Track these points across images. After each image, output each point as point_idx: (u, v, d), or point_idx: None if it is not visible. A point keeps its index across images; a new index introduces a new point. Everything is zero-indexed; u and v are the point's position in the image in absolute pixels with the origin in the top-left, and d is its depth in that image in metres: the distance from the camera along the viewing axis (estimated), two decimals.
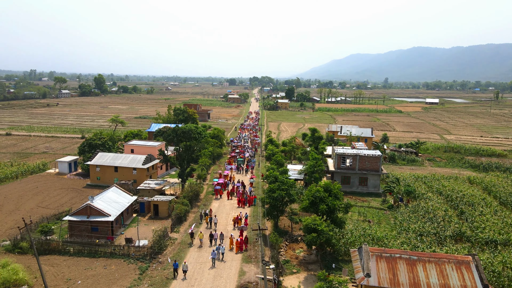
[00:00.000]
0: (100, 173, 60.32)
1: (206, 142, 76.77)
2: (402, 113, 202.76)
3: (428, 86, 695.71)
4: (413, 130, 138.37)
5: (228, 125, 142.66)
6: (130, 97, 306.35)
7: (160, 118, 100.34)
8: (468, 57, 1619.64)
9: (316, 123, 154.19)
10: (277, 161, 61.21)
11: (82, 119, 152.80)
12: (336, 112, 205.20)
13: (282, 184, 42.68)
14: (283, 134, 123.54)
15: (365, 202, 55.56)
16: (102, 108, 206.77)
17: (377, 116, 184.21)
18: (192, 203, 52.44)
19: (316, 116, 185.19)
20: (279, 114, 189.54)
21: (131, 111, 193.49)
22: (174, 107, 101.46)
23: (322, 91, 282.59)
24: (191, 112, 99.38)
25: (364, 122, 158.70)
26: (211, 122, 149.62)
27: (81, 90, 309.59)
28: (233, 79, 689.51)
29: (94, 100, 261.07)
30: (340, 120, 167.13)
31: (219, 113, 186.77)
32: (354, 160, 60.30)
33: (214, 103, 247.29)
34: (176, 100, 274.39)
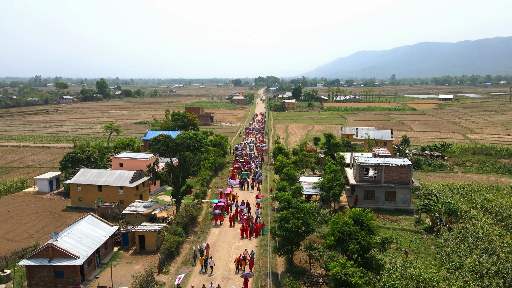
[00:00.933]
0: (82, 193, 51.73)
1: (206, 152, 68.03)
2: (416, 111, 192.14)
3: (438, 82, 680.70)
4: (432, 130, 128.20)
5: (233, 129, 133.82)
6: (133, 101, 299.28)
7: (157, 124, 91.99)
8: (475, 51, 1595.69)
9: (326, 124, 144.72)
10: (288, 175, 51.97)
11: (79, 126, 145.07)
12: (346, 111, 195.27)
13: (297, 211, 33.55)
14: (292, 138, 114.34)
15: (395, 223, 46.20)
16: (102, 113, 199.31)
17: (390, 115, 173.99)
18: (187, 229, 43.56)
19: (325, 116, 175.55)
20: (287, 115, 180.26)
21: (132, 115, 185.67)
22: (172, 112, 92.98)
23: (330, 89, 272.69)
24: (191, 117, 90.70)
25: (377, 122, 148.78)
26: (215, 126, 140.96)
27: (83, 95, 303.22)
28: (238, 80, 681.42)
29: (95, 105, 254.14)
30: (351, 120, 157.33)
31: (223, 116, 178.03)
32: (379, 171, 50.94)
33: (219, 105, 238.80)
34: (180, 103, 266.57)
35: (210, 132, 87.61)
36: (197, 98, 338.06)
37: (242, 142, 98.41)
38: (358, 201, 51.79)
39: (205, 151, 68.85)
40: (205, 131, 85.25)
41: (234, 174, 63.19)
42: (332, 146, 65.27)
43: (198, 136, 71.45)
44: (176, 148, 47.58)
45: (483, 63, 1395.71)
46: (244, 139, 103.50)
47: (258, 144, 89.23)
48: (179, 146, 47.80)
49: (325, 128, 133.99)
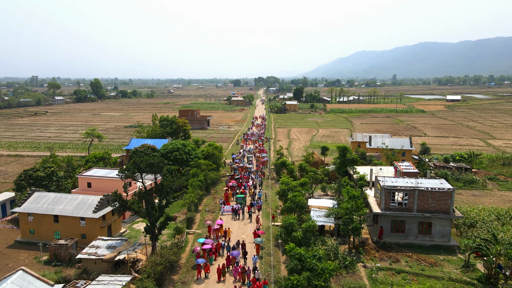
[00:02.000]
0: (34, 224, 40.94)
1: (196, 166, 57.19)
2: (425, 113, 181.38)
3: (440, 82, 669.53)
4: (448, 135, 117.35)
5: (230, 134, 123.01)
6: (128, 102, 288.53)
7: (143, 131, 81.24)
8: (476, 51, 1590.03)
9: (331, 128, 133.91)
10: (295, 202, 40.92)
11: (64, 130, 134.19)
12: (351, 113, 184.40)
13: (314, 277, 22.72)
14: (295, 144, 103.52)
15: (436, 268, 35.36)
16: (93, 115, 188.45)
17: (398, 118, 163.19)
18: (163, 280, 32.69)
19: (329, 119, 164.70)
20: (288, 118, 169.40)
21: (124, 118, 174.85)
22: (160, 117, 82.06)
23: (332, 90, 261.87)
24: (181, 123, 79.83)
25: (386, 126, 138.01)
26: (210, 130, 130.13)
27: (76, 96, 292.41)
28: (237, 80, 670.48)
29: (88, 107, 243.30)
30: (357, 123, 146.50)
31: (221, 118, 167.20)
32: (410, 196, 40.15)
33: (216, 107, 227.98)
34: (176, 104, 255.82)
35: (202, 141, 76.86)
36: (195, 99, 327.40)
37: (239, 151, 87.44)
38: (384, 233, 41.03)
39: (195, 165, 58.01)
40: (197, 139, 74.47)
41: (228, 196, 51.99)
42: (349, 162, 53.89)
43: (187, 146, 60.67)
44: (150, 169, 36.69)
45: (484, 63, 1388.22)
46: (242, 146, 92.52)
47: (257, 155, 78.21)
48: (154, 167, 36.85)
49: (331, 133, 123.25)
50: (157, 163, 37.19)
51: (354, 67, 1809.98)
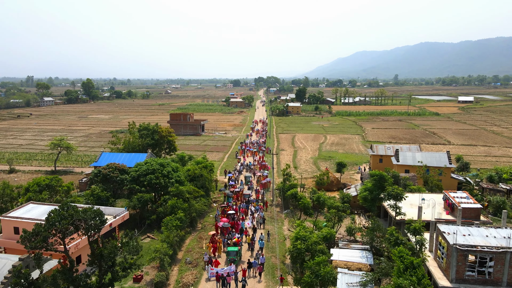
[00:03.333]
0: None
1: (177, 195, 42.86)
2: (440, 116, 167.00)
3: (444, 82, 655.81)
4: (475, 143, 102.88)
5: (227, 141, 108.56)
6: (122, 103, 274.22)
7: (118, 142, 66.72)
8: (477, 51, 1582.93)
9: (340, 134, 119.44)
10: (320, 276, 25.87)
11: (41, 137, 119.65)
12: (359, 116, 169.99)
13: None
14: (302, 155, 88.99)
15: None
16: (80, 118, 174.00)
17: (412, 121, 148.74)
18: None
19: (336, 123, 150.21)
20: (291, 122, 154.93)
21: (113, 121, 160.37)
22: (139, 125, 67.48)
23: (337, 91, 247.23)
24: (165, 132, 65.21)
25: (401, 131, 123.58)
26: (205, 137, 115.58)
27: (67, 97, 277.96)
28: (237, 80, 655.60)
29: (77, 108, 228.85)
30: (368, 128, 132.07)
31: (218, 122, 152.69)
32: (498, 261, 25.76)
33: (214, 109, 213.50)
34: (171, 106, 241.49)
35: (189, 157, 62.33)
36: (193, 99, 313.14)
37: (236, 166, 72.72)
38: None
39: (176, 193, 43.56)
40: (182, 155, 59.71)
41: (217, 245, 36.51)
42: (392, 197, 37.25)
43: (166, 167, 46.22)
44: (77, 229, 22.12)
45: (485, 64, 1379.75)
46: (239, 160, 77.66)
47: (258, 174, 63.15)
48: (88, 223, 22.23)
49: (340, 140, 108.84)
50: (94, 216, 22.59)
51: (354, 67, 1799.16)
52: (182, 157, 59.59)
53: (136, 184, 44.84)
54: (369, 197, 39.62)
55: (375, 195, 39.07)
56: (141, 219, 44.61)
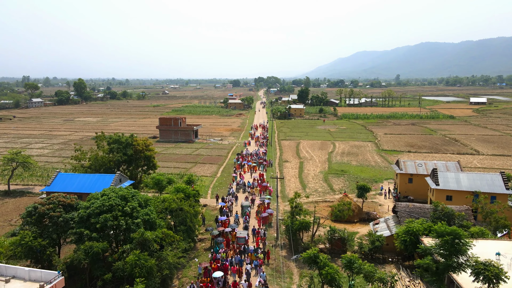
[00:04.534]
0: None
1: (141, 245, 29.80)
2: (456, 119, 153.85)
3: (448, 82, 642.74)
4: (507, 152, 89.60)
5: (223, 150, 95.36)
6: (115, 105, 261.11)
7: (84, 158, 53.28)
8: (478, 51, 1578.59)
9: (350, 141, 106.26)
10: None
11: (14, 144, 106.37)
12: (368, 120, 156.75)
13: None
14: (310, 168, 75.75)
15: None
16: (65, 121, 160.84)
17: (426, 125, 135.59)
18: None
19: (343, 127, 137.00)
20: (294, 126, 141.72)
21: (99, 125, 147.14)
22: (110, 136, 54.07)
23: (342, 91, 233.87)
24: (142, 146, 51.86)
25: (418, 138, 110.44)
26: (198, 144, 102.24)
27: (57, 98, 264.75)
28: (237, 81, 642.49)
29: (66, 110, 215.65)
30: (380, 134, 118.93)
31: (214, 127, 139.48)
32: None
33: (211, 111, 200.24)
34: (166, 107, 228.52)
35: (168, 180, 48.82)
36: (190, 101, 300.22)
37: (230, 188, 59.25)
38: None
39: (140, 240, 30.38)
40: (159, 178, 46.13)
41: None
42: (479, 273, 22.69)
43: (130, 201, 33.12)
44: None
45: (486, 64, 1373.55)
46: (234, 178, 63.96)
47: (258, 202, 49.26)
48: None
49: (351, 148, 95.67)
50: None
51: (355, 67, 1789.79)
52: (159, 181, 46.35)
53: (86, 227, 31.72)
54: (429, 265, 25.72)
55: (444, 267, 24.98)
56: (91, 280, 31.47)
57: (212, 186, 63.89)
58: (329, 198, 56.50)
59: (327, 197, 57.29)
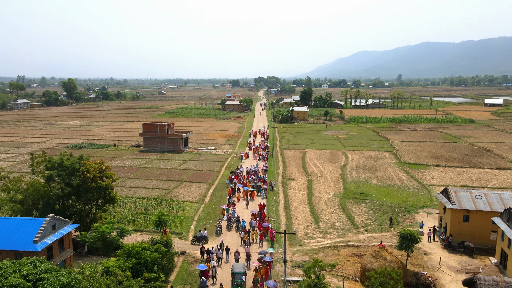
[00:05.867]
0: None
1: None
2: (476, 123, 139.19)
3: (452, 82, 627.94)
4: None
5: (216, 161, 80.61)
6: (106, 106, 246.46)
7: (14, 188, 38.37)
8: (479, 51, 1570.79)
9: (364, 151, 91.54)
10: None
11: None
12: (379, 124, 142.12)
13: None
14: (321, 188, 61.02)
15: None
16: (45, 125, 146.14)
17: (445, 131, 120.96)
18: None
19: (353, 133, 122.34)
20: (298, 131, 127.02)
21: (81, 130, 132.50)
22: (49, 158, 38.66)
23: (347, 92, 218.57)
24: (94, 172, 36.89)
25: (441, 146, 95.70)
26: (187, 155, 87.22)
27: (45, 99, 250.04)
28: (236, 81, 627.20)
29: (52, 112, 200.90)
30: (396, 141, 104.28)
31: (208, 132, 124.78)
32: None
33: (207, 113, 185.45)
34: (160, 109, 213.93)
35: (120, 232, 33.70)
36: (186, 102, 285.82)
37: (219, 224, 44.13)
38: None
39: None
40: (103, 232, 30.49)
41: None
42: None
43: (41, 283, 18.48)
44: None
45: (488, 63, 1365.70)
46: (224, 212, 48.53)
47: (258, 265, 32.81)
48: None
49: (367, 160, 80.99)
50: None
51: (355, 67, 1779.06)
52: (103, 236, 31.44)
53: None
54: None
55: None
56: None
57: (196, 217, 49.17)
58: (353, 240, 41.85)
59: (349, 237, 42.66)
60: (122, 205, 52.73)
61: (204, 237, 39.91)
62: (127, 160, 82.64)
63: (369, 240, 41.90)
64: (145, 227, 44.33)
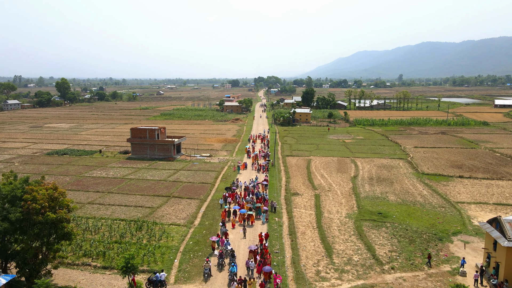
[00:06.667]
0: None
1: None
2: (491, 126, 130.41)
3: (455, 82, 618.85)
4: None
5: (211, 171, 71.77)
6: (101, 107, 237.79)
7: None
8: (480, 51, 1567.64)
9: (375, 158, 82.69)
10: None
11: None
12: (386, 127, 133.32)
13: None
14: (331, 207, 52.13)
15: None
16: (31, 128, 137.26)
17: (459, 135, 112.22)
18: None
19: (360, 137, 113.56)
20: (301, 135, 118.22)
21: (68, 134, 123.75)
22: None
23: (351, 92, 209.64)
24: (43, 201, 28.11)
25: (458, 152, 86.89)
26: (179, 164, 78.19)
27: (37, 99, 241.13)
28: (236, 80, 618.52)
29: (42, 114, 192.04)
30: (409, 146, 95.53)
31: (204, 136, 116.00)
32: None
33: (204, 115, 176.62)
34: (156, 110, 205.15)
35: None
36: (184, 102, 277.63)
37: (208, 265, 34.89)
38: None
39: None
40: None
41: None
42: None
43: None
44: None
45: (488, 63, 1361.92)
46: (214, 245, 38.86)
47: None
48: None
49: (380, 170, 72.23)
50: None
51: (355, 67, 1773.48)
52: None
53: None
54: None
55: None
56: None
57: (182, 248, 40.23)
58: (378, 284, 32.93)
59: (372, 279, 33.75)
60: (94, 231, 43.99)
61: (160, 281, 30.95)
62: (111, 170, 73.79)
63: (399, 283, 33.05)
64: (117, 264, 35.45)
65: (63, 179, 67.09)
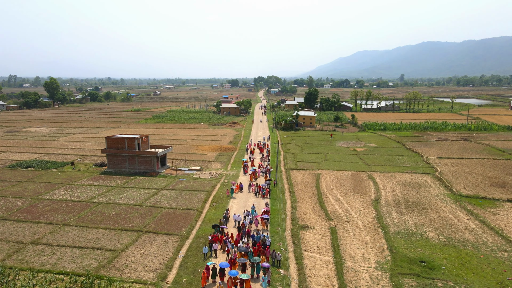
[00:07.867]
0: None
1: None
2: None
3: (459, 82, 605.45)
4: None
5: (199, 191, 58.49)
6: (91, 108, 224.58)
7: None
8: (481, 50, 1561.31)
9: (396, 172, 69.37)
10: None
11: None
12: (400, 132, 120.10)
13: None
14: (353, 248, 38.82)
15: None
16: (5, 133, 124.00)
17: (484, 142, 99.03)
18: None
19: (373, 144, 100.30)
20: (306, 141, 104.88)
21: (46, 140, 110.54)
22: None
23: (357, 93, 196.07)
24: None
25: (493, 164, 73.69)
26: (163, 180, 64.59)
27: (23, 100, 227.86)
28: (235, 80, 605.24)
29: (25, 116, 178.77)
30: (432, 157, 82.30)
31: (196, 143, 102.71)
32: None
33: (200, 117, 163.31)
34: (149, 112, 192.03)
35: None
36: (180, 103, 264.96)
37: None
38: None
39: None
40: None
41: None
42: None
43: None
44: None
45: (489, 63, 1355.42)
46: None
47: None
48: None
49: (406, 191, 58.94)
50: None
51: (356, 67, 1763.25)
52: None
53: None
54: None
55: None
56: None
57: None
58: None
59: None
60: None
61: None
62: (77, 189, 60.47)
63: None
64: None
65: (14, 203, 53.80)
